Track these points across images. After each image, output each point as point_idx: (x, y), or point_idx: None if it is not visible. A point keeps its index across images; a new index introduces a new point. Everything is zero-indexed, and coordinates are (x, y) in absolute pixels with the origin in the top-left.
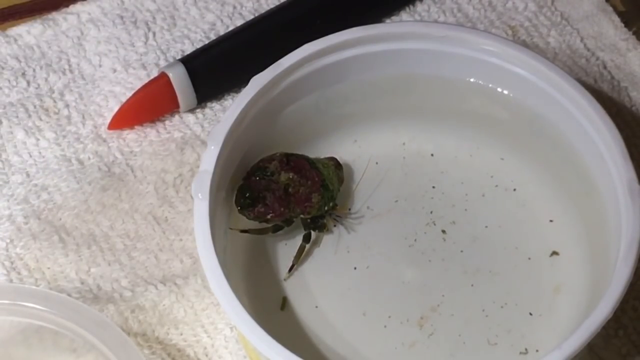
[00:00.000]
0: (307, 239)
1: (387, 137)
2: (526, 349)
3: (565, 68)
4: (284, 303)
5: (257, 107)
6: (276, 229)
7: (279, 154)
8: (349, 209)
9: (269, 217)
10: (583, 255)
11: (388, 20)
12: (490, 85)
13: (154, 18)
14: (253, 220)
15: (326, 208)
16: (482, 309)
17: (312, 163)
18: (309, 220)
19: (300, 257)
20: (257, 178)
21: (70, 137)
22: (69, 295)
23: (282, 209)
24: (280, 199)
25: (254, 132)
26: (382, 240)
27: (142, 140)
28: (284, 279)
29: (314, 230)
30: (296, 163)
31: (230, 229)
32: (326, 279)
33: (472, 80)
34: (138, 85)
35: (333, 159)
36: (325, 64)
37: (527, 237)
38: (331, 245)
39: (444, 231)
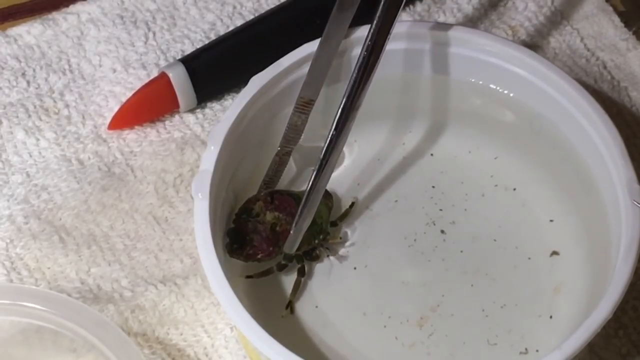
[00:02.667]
0: (301, 272)
1: (387, 137)
2: (526, 349)
3: (565, 68)
4: (292, 308)
5: (257, 107)
6: (280, 267)
7: (264, 193)
8: (340, 238)
9: (259, 257)
10: (583, 255)
11: None
12: (490, 85)
13: (154, 18)
14: (247, 262)
15: (316, 241)
16: (482, 309)
17: (297, 198)
18: (301, 254)
19: (296, 291)
20: (244, 220)
21: (70, 137)
22: (69, 295)
23: (270, 249)
24: (268, 239)
25: (254, 132)
26: (382, 240)
27: (142, 140)
28: (282, 316)
29: (308, 260)
30: (280, 201)
31: (248, 276)
32: (326, 279)
33: (472, 80)
34: (138, 85)
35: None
36: None
37: (527, 237)
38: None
39: (443, 231)
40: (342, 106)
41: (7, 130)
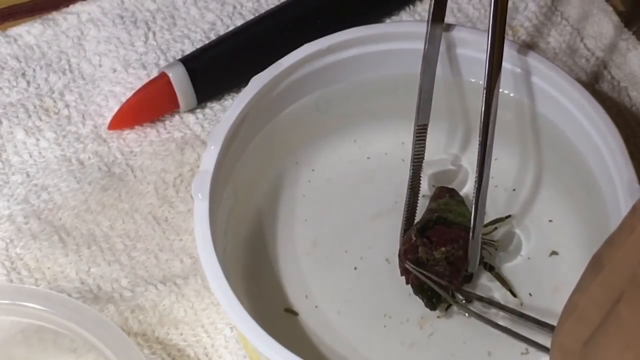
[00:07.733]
0: (469, 279)
1: (387, 137)
2: (527, 349)
3: (565, 68)
4: (292, 312)
5: (257, 107)
6: (469, 278)
7: (413, 234)
8: (496, 227)
9: (454, 291)
10: (583, 255)
11: (388, 20)
12: None
13: (154, 18)
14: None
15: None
16: (482, 308)
17: (442, 222)
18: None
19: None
20: (420, 272)
21: (70, 137)
22: (69, 295)
23: (459, 279)
24: (452, 273)
25: (254, 132)
26: (382, 240)
27: (142, 140)
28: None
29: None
30: (436, 235)
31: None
32: (326, 279)
33: (472, 80)
34: (138, 85)
35: (442, 189)
36: (325, 64)
37: (526, 237)
38: (331, 246)
39: None
40: (483, 112)
41: (7, 130)
